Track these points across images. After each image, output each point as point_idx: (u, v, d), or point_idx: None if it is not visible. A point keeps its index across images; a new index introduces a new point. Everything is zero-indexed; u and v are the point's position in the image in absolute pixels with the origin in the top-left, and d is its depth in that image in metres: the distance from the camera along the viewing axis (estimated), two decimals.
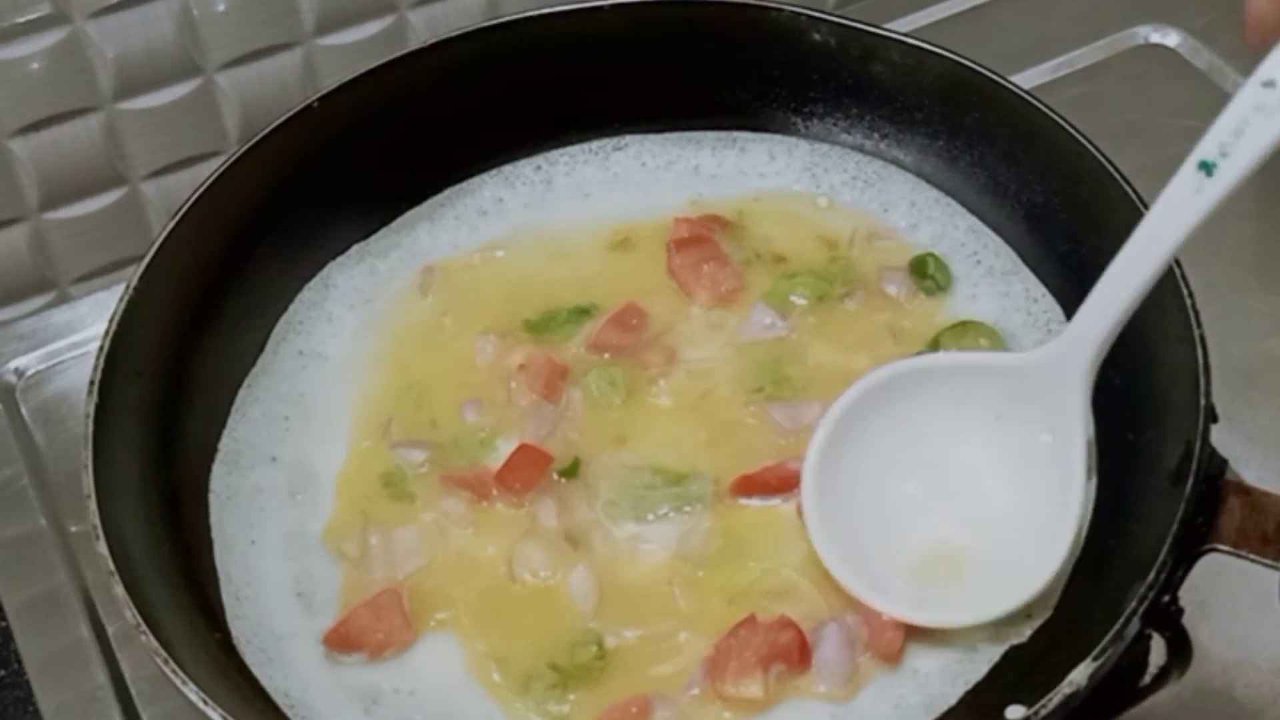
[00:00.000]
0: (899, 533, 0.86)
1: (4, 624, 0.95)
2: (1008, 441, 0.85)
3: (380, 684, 0.84)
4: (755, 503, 0.89)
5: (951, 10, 1.25)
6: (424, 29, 1.24)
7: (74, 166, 1.20)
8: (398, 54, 1.01)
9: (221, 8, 1.17)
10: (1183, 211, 0.75)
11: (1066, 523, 0.82)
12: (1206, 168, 0.73)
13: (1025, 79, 1.17)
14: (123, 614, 0.79)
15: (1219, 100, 1.15)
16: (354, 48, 1.23)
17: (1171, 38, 1.21)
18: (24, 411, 1.06)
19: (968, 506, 0.86)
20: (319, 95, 0.98)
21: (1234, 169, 0.73)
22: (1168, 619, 0.85)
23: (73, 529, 0.99)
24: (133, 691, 0.92)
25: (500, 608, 0.87)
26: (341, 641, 0.85)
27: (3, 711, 0.92)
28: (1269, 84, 0.72)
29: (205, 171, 0.96)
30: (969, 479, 0.86)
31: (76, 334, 1.09)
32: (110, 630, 0.94)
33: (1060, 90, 1.17)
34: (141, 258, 0.91)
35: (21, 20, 1.12)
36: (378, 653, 0.85)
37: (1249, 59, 1.17)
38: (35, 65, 1.14)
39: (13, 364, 1.08)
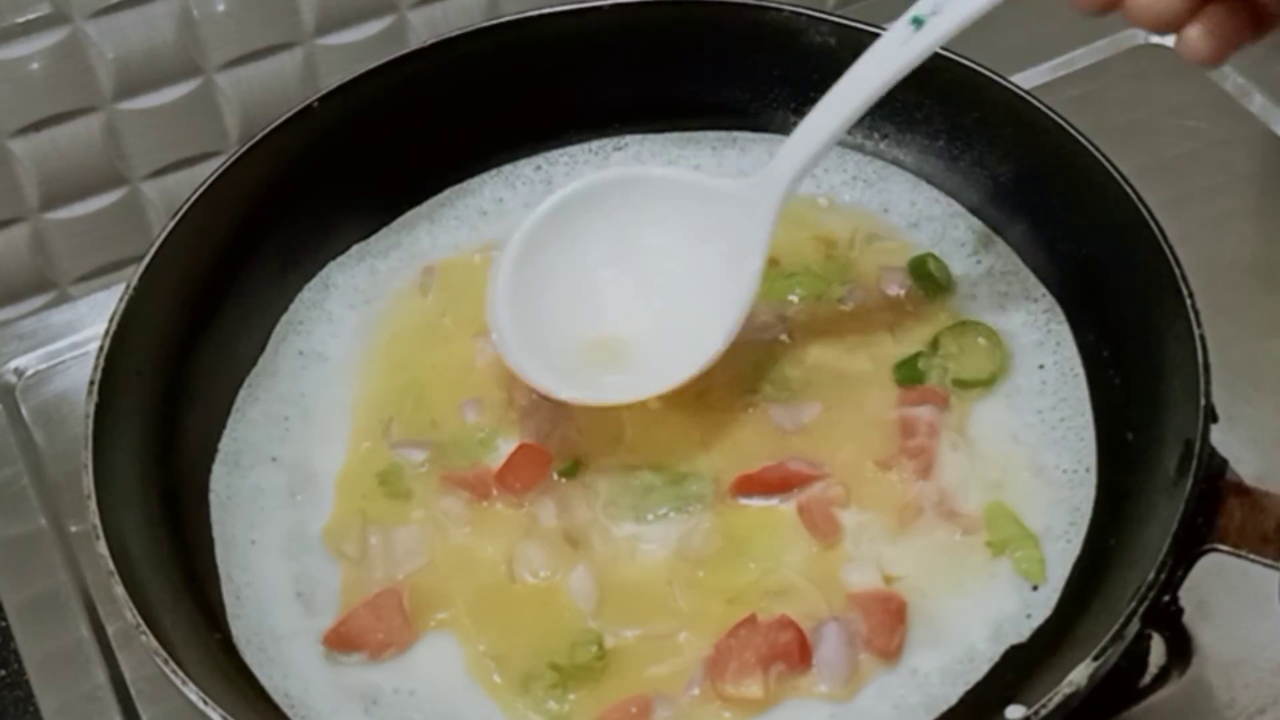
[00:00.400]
0: (581, 323, 0.91)
1: (4, 624, 0.95)
2: (698, 255, 0.90)
3: (380, 684, 0.84)
4: (755, 502, 0.89)
5: None
6: (424, 29, 1.23)
7: (74, 166, 1.20)
8: (397, 54, 1.00)
9: (221, 8, 1.17)
10: (889, 61, 0.79)
11: (724, 329, 0.89)
12: (917, 22, 0.77)
13: (1025, 79, 1.17)
14: (123, 614, 0.79)
15: (1219, 100, 1.17)
16: (354, 47, 1.23)
17: (1171, 37, 1.21)
18: (24, 411, 1.06)
19: (649, 303, 0.91)
20: (319, 95, 0.98)
21: (942, 25, 0.77)
22: (1168, 619, 0.85)
23: (73, 529, 0.99)
24: (133, 691, 0.92)
25: (500, 608, 0.86)
26: (341, 641, 0.85)
27: (3, 711, 0.92)
28: None
29: (205, 171, 0.95)
30: (656, 281, 0.92)
31: (76, 334, 1.09)
32: (110, 630, 0.94)
33: (1060, 90, 1.17)
34: (141, 258, 0.91)
35: (21, 20, 1.12)
36: (378, 653, 0.85)
37: (1249, 58, 1.18)
38: (35, 65, 1.14)
39: (13, 364, 1.08)
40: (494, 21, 1.02)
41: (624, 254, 0.92)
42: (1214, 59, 0.70)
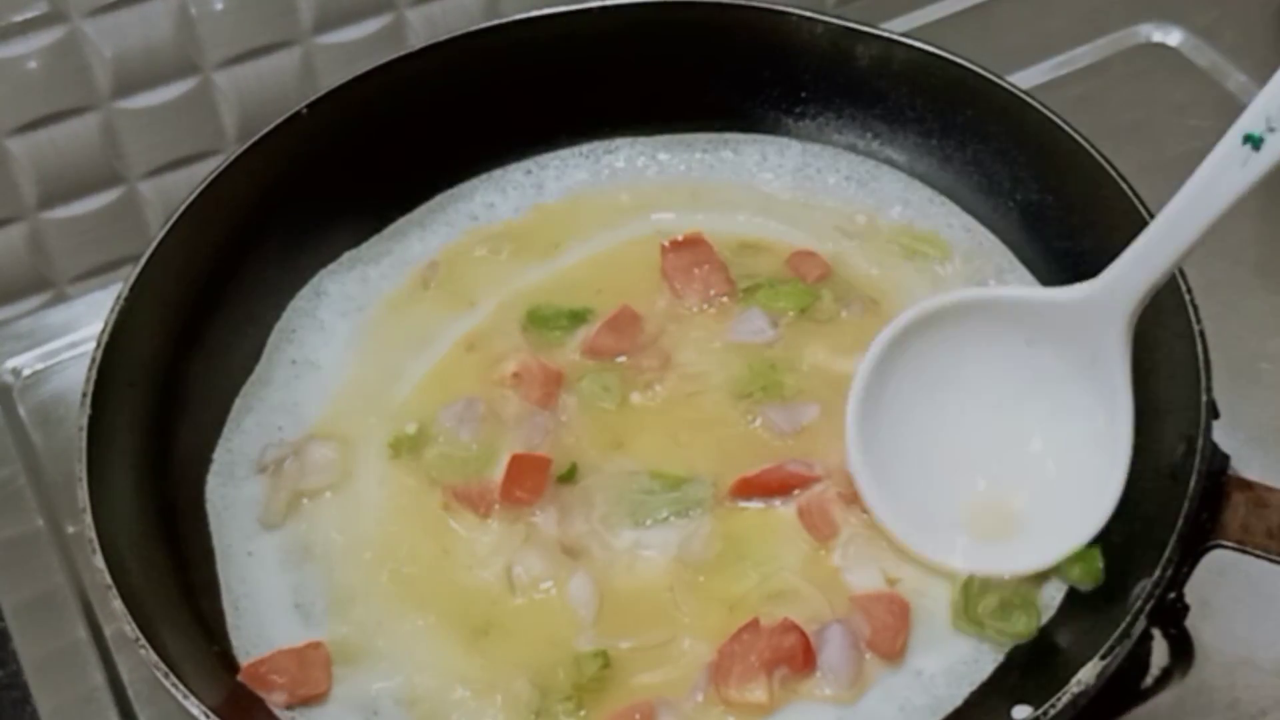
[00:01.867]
0: (949, 485, 0.86)
1: (2, 625, 0.95)
2: (1048, 387, 0.85)
3: (380, 695, 0.84)
4: (755, 505, 0.88)
5: (952, 9, 1.25)
6: (422, 27, 1.24)
7: (71, 165, 1.20)
8: (385, 60, 1.00)
9: (219, 6, 1.17)
10: (1230, 181, 0.73)
11: (1116, 472, 0.83)
12: (1253, 141, 0.71)
13: (1027, 78, 1.17)
14: (122, 628, 0.78)
15: (1221, 99, 1.17)
16: (352, 46, 1.23)
17: (1174, 36, 1.21)
18: (21, 411, 1.05)
19: (1013, 456, 0.86)
20: (307, 102, 0.98)
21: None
22: (1173, 616, 0.84)
23: (70, 529, 0.99)
24: (130, 692, 0.92)
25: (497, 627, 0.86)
26: (256, 680, 0.83)
27: (1, 713, 0.92)
28: None
29: (203, 170, 0.96)
30: (1011, 427, 0.86)
31: (74, 333, 1.09)
32: (107, 631, 0.94)
33: (1062, 89, 1.17)
34: (132, 268, 0.91)
35: (19, 19, 1.13)
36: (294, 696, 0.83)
37: (1251, 57, 1.17)
38: (33, 64, 1.14)
39: (10, 363, 1.08)
40: (482, 26, 1.02)
41: (965, 399, 0.87)
42: None
